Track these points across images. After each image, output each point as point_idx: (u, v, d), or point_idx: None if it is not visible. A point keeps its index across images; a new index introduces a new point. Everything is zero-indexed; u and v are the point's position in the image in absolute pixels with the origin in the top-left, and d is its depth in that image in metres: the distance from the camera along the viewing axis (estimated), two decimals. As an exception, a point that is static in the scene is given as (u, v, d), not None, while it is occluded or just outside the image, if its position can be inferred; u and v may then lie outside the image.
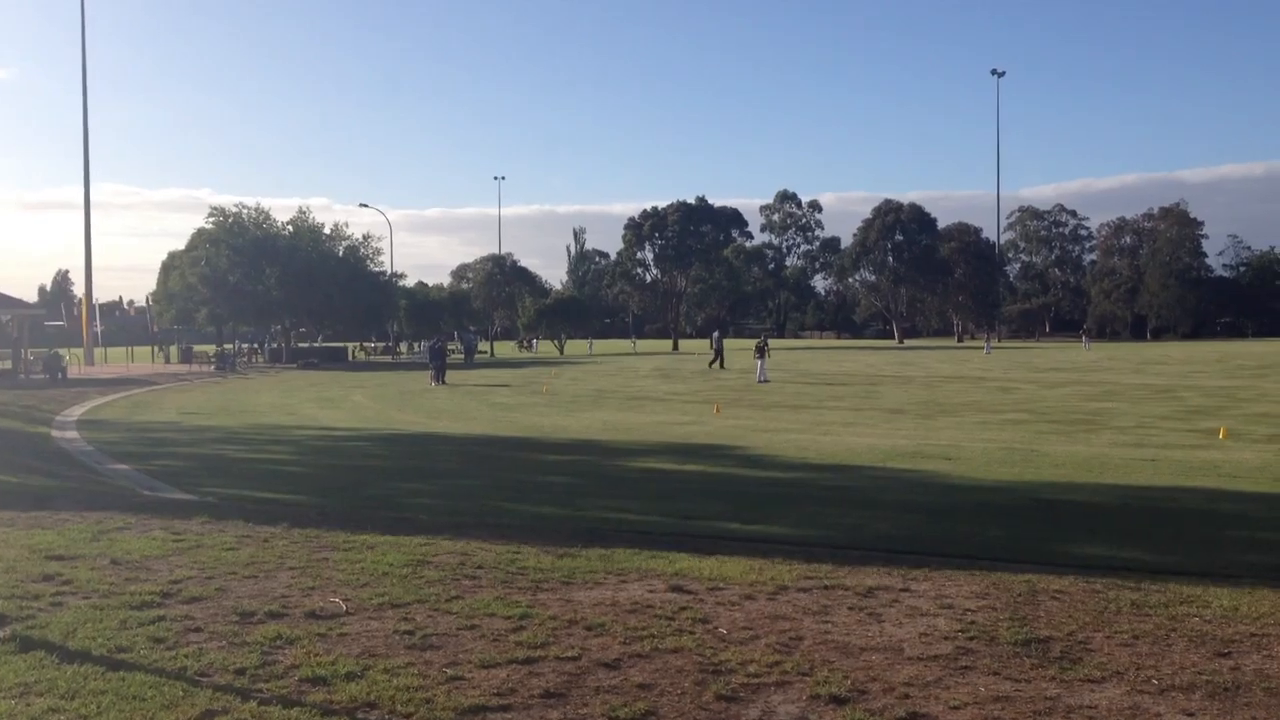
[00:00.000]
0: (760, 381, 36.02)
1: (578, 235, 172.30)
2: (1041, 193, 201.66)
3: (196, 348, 63.84)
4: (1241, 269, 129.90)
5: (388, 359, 72.96)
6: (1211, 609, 6.57)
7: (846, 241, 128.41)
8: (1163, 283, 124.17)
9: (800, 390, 32.89)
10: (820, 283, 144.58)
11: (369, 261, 68.06)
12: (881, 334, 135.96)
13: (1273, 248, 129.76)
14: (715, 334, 52.95)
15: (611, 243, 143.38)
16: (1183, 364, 46.62)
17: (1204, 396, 27.67)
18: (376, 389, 37.26)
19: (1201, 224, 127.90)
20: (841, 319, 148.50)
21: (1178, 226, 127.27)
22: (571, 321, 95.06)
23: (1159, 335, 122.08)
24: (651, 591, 7.00)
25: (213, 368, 53.56)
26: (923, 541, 9.92)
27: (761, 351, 37.84)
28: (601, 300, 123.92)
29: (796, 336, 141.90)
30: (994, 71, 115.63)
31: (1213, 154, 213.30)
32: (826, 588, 7.15)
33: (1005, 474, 14.26)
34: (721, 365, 47.53)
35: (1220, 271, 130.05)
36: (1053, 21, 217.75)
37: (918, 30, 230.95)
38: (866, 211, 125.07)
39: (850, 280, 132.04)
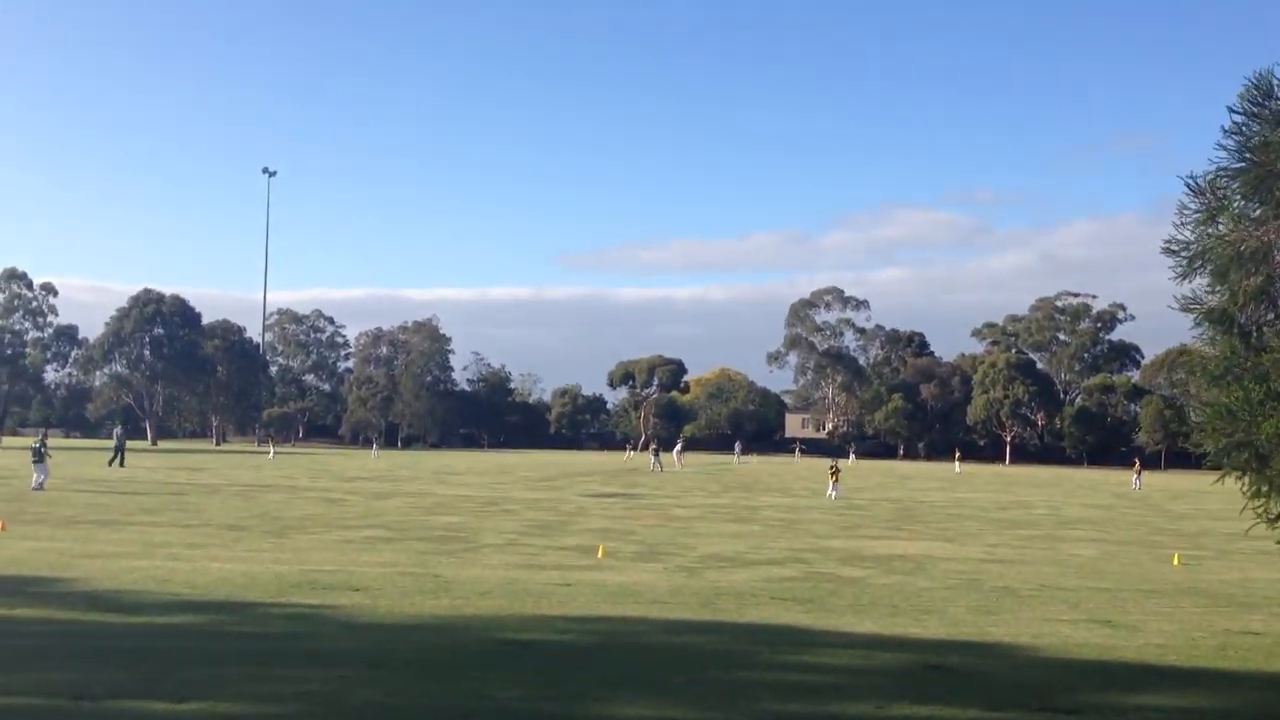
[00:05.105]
0: (36, 489, 30.18)
1: None
2: (279, 298, 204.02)
3: None
4: (480, 384, 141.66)
5: None
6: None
7: (86, 333, 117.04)
8: (415, 393, 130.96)
9: (95, 501, 27.96)
10: (52, 374, 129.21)
11: None
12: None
13: (504, 366, 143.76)
14: (119, 429, 50.79)
15: None
16: (473, 474, 48.53)
17: (534, 510, 28.44)
18: None
19: (450, 339, 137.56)
20: (73, 416, 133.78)
21: (430, 341, 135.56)
22: None
23: (409, 443, 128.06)
24: None
25: None
26: (436, 712, 8.04)
27: (40, 454, 31.57)
28: None
29: (16, 434, 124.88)
30: (265, 170, 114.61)
31: (430, 277, 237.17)
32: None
33: (437, 607, 12.75)
34: (121, 464, 46.59)
35: (464, 385, 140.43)
36: (322, 127, 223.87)
37: (188, 130, 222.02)
38: (110, 302, 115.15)
39: (99, 374, 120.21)
